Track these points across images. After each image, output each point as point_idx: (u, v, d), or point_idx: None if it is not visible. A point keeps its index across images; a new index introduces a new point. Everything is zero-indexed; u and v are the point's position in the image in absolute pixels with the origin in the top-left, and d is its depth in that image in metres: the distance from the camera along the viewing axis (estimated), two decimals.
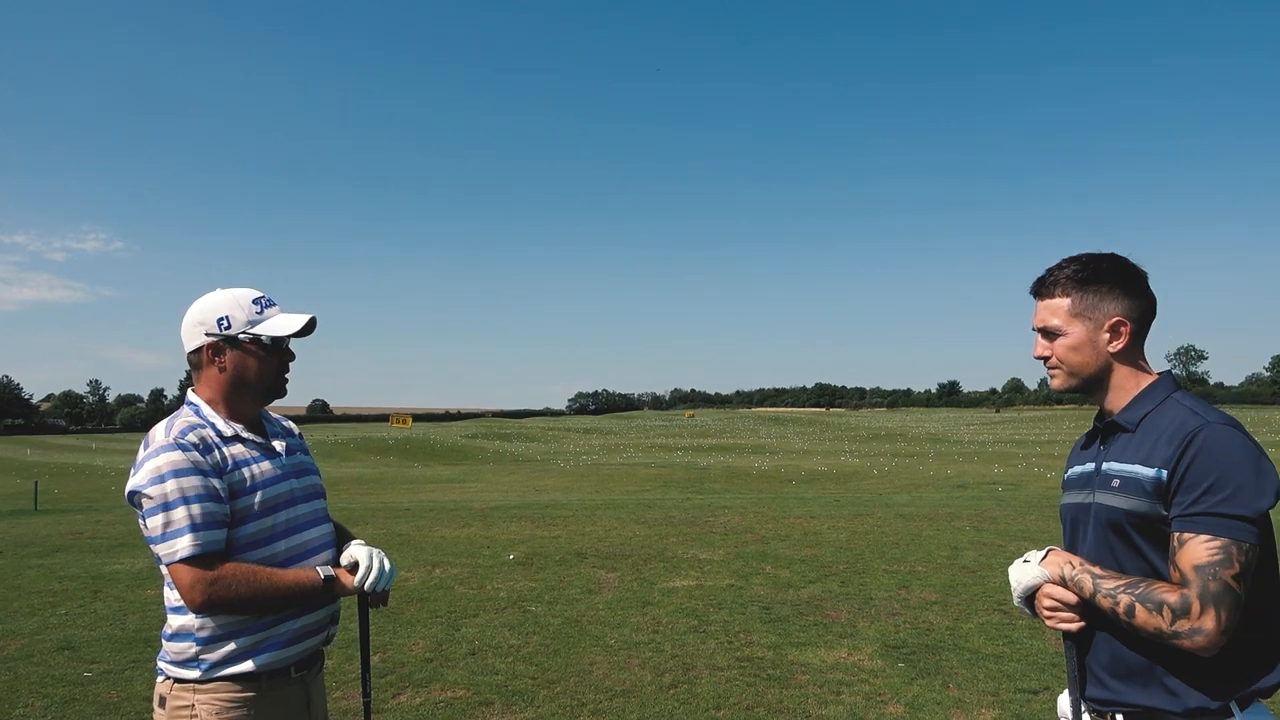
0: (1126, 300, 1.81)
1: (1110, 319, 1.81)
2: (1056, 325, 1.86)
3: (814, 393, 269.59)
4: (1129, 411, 1.81)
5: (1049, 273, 1.89)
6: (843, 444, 68.09)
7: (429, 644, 5.82)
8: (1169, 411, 1.74)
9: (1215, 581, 1.57)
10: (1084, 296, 1.83)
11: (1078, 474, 1.91)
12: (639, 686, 4.91)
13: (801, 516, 12.63)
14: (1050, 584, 1.79)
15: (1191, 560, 1.60)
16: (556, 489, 27.68)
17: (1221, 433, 1.64)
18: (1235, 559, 1.58)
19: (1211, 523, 1.60)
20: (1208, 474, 1.61)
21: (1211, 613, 1.56)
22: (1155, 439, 1.71)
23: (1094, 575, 1.72)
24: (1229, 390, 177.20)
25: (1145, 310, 1.83)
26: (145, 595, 7.49)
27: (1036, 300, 1.92)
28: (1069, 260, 1.87)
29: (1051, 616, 1.79)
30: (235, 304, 2.12)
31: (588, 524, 12.12)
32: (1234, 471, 1.61)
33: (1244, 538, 1.59)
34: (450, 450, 65.65)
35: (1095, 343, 1.82)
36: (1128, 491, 1.72)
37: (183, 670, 2.01)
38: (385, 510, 15.41)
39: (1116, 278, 1.82)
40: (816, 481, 31.19)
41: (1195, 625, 1.57)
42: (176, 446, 1.97)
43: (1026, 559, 1.86)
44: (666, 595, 7.27)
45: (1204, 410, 1.71)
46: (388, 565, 2.17)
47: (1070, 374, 1.87)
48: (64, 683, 5.06)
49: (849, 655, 5.45)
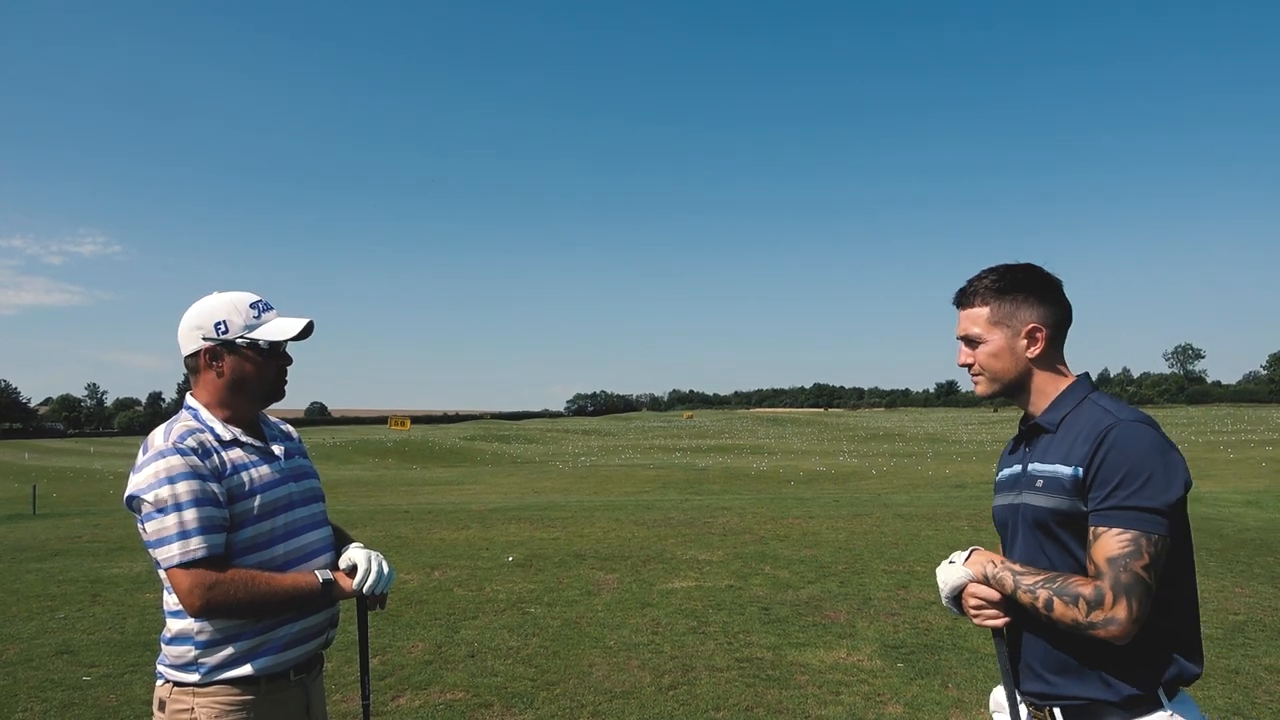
0: (1042, 307, 1.90)
1: (1027, 325, 1.90)
2: (977, 333, 1.94)
3: (812, 393, 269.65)
4: (1050, 413, 1.89)
5: (969, 283, 1.98)
6: (841, 444, 68.11)
7: (428, 646, 5.81)
8: (1086, 411, 1.82)
9: (1126, 573, 1.65)
10: (1002, 305, 1.92)
11: (1007, 477, 1.99)
12: (638, 688, 4.91)
13: (800, 517, 12.63)
14: (975, 583, 1.86)
15: (1104, 553, 1.68)
16: (555, 491, 27.69)
17: (1132, 430, 1.72)
18: (1145, 550, 1.66)
19: (1122, 516, 1.68)
20: (1119, 469, 1.69)
21: (1124, 603, 1.64)
22: (1074, 438, 1.79)
23: (1014, 573, 1.79)
24: (1226, 389, 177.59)
25: (1060, 317, 1.92)
26: (144, 599, 7.49)
27: (958, 310, 2.00)
28: (988, 271, 1.97)
29: (978, 614, 1.86)
30: (232, 308, 2.12)
31: (586, 525, 12.12)
32: (1143, 466, 1.69)
33: (1153, 529, 1.67)
34: (449, 452, 65.60)
35: (1014, 349, 1.91)
36: (1051, 491, 1.80)
37: (182, 674, 2.02)
38: (384, 512, 15.40)
39: (1032, 286, 1.91)
40: (815, 482, 31.22)
41: (1109, 615, 1.64)
42: (175, 451, 1.97)
43: (952, 560, 1.93)
44: (665, 596, 7.27)
45: (1117, 409, 1.78)
46: (386, 568, 2.17)
47: (992, 379, 1.95)
48: (63, 687, 5.05)
49: (848, 655, 5.45)
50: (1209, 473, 30.13)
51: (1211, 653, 5.35)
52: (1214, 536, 10.11)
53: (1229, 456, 39.28)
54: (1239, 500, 15.56)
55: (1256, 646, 5.49)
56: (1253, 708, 4.43)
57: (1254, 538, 10.08)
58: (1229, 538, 10.05)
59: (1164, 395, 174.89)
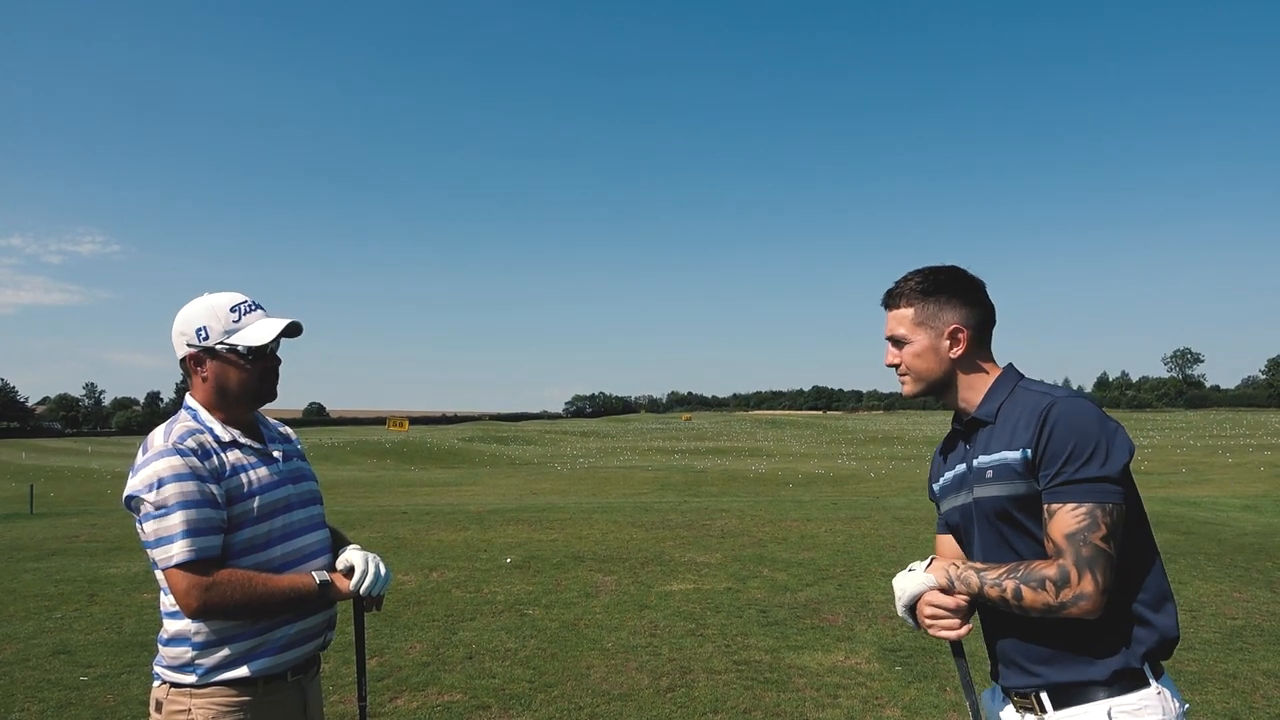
0: (964, 309, 1.93)
1: (949, 327, 1.93)
2: (902, 334, 1.98)
3: (811, 395, 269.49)
4: (985, 405, 1.91)
5: (896, 285, 2.01)
6: (840, 447, 68.13)
7: (426, 647, 5.81)
8: (1020, 398, 1.85)
9: (1086, 546, 1.66)
10: (925, 306, 1.95)
11: (951, 479, 1.99)
12: (636, 690, 4.91)
13: (798, 519, 12.63)
14: (932, 590, 1.83)
15: (1061, 530, 1.69)
16: (553, 492, 27.68)
17: (1072, 404, 1.75)
18: (1101, 521, 1.67)
19: (1074, 490, 1.69)
20: (1065, 444, 1.71)
21: (1089, 576, 1.65)
22: (1014, 424, 1.81)
23: (978, 570, 1.79)
24: (1225, 393, 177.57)
25: (982, 318, 1.95)
26: (142, 599, 7.48)
27: (886, 311, 2.03)
28: (913, 273, 2.00)
29: (933, 625, 1.83)
30: (212, 314, 2.11)
31: (585, 527, 12.12)
32: (1088, 437, 1.70)
33: (1106, 499, 1.68)
34: (447, 453, 65.58)
35: (938, 349, 1.94)
36: (1003, 478, 1.80)
37: (179, 675, 2.02)
38: (382, 513, 15.39)
39: (954, 288, 1.94)
40: (813, 484, 31.23)
41: (1077, 592, 1.65)
42: (175, 451, 1.97)
43: (911, 568, 1.90)
44: (664, 598, 7.27)
45: (1050, 389, 1.83)
46: (383, 569, 2.17)
47: (917, 379, 1.98)
48: (60, 686, 5.04)
49: (846, 658, 5.45)
50: (1207, 477, 30.13)
51: (1209, 657, 5.35)
52: (1212, 541, 10.12)
53: (1227, 461, 39.29)
54: (1237, 505, 15.58)
55: (1254, 651, 5.49)
56: (1250, 713, 4.43)
57: (1252, 542, 10.09)
58: (1227, 542, 10.05)
59: (1162, 399, 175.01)
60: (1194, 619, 6.32)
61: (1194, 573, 8.07)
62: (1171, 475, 31.55)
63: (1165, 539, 10.19)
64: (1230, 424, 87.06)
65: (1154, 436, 66.78)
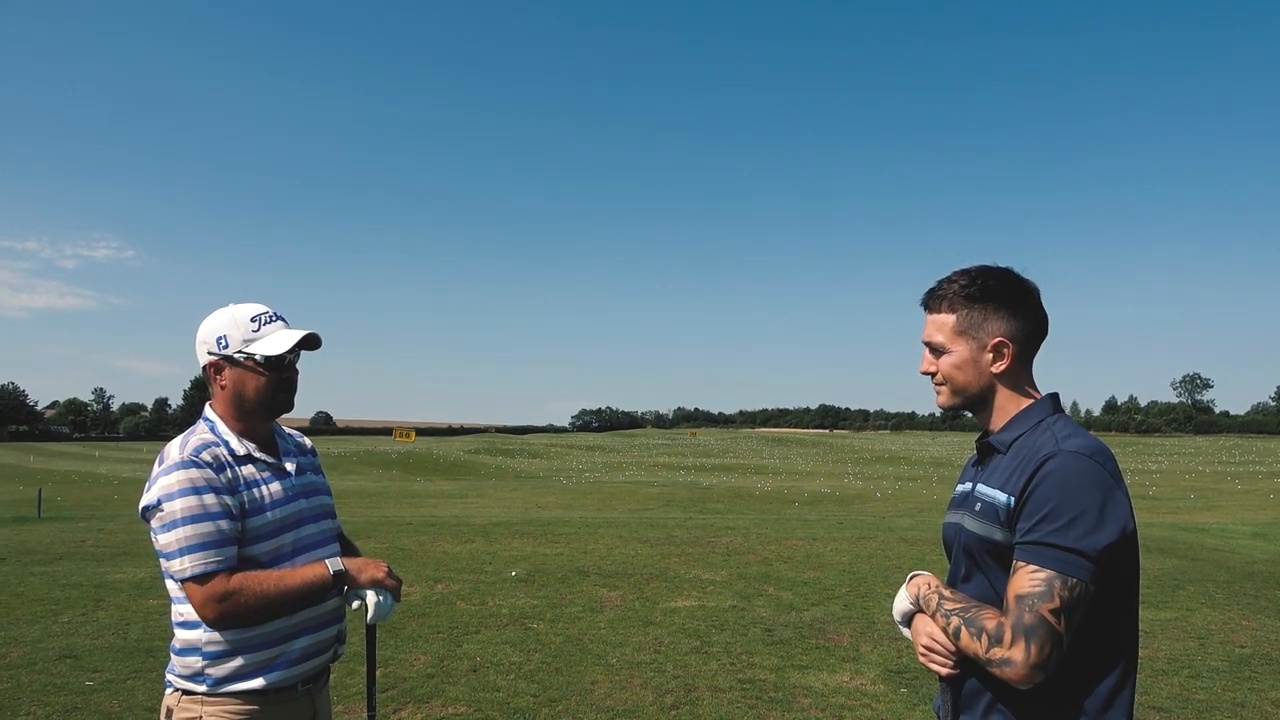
0: (1012, 320, 1.74)
1: (993, 339, 1.75)
2: (941, 342, 1.80)
3: (818, 414, 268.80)
4: (1004, 433, 1.75)
5: (939, 285, 1.83)
6: (846, 466, 67.87)
7: (431, 660, 5.81)
8: (1037, 437, 1.67)
9: (1030, 614, 1.51)
10: (969, 314, 1.76)
11: (959, 493, 1.87)
12: (640, 706, 4.90)
13: (804, 538, 12.59)
14: (924, 616, 1.76)
15: (1015, 589, 1.55)
16: (559, 506, 27.64)
17: (1071, 461, 1.57)
18: (1057, 593, 1.51)
19: (1040, 553, 1.54)
20: (1046, 502, 1.55)
21: (1021, 645, 1.50)
22: (1018, 464, 1.65)
23: (941, 595, 1.71)
24: (1235, 419, 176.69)
25: (1031, 331, 1.76)
26: (148, 605, 7.50)
27: (925, 313, 1.85)
28: (960, 273, 1.81)
29: (925, 655, 1.74)
30: (233, 323, 2.16)
31: (590, 542, 12.10)
32: (1074, 503, 1.54)
33: (1071, 572, 1.51)
34: (453, 465, 65.58)
35: (978, 362, 1.76)
36: (984, 517, 1.69)
37: (190, 683, 2.04)
38: (387, 524, 15.39)
39: (1003, 296, 1.75)
40: (819, 503, 31.10)
41: (1006, 655, 1.52)
42: (190, 464, 2.01)
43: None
44: (668, 615, 7.25)
45: (1066, 437, 1.63)
46: (386, 604, 2.18)
47: (954, 392, 1.81)
48: (65, 691, 5.06)
49: (851, 679, 5.43)
50: (1216, 504, 29.93)
51: (1217, 685, 5.32)
52: (1220, 568, 10.05)
53: (1236, 488, 39.02)
54: (1246, 532, 15.46)
55: (1263, 680, 5.45)
56: None
57: (1261, 570, 10.01)
58: (1236, 570, 9.98)
59: (1171, 425, 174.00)
60: (1202, 646, 6.28)
61: (1202, 600, 8.02)
62: (1180, 501, 31.36)
63: (1173, 565, 10.13)
64: (1240, 450, 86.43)
65: (1162, 462, 66.38)
